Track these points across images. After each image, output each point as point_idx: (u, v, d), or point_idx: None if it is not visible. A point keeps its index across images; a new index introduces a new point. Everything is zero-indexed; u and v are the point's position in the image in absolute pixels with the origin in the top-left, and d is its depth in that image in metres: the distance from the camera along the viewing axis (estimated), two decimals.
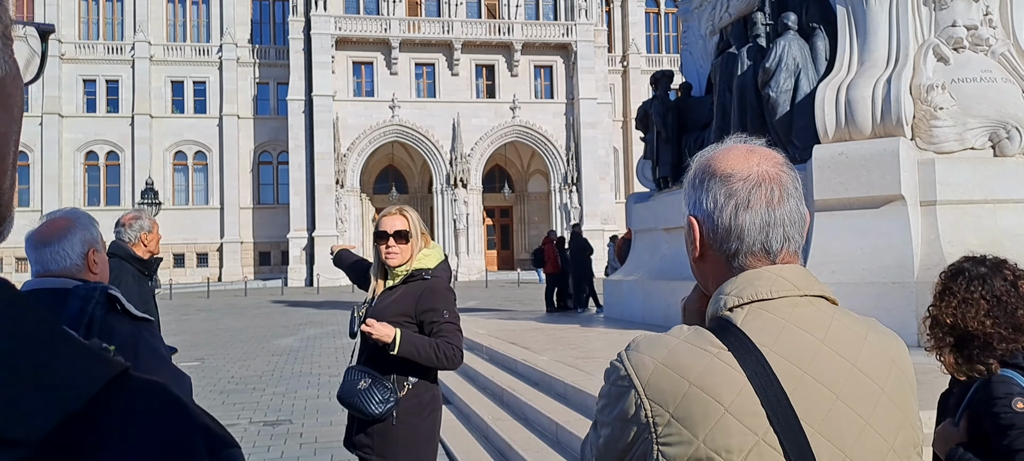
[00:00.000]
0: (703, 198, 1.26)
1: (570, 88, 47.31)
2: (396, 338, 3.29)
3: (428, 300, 3.40)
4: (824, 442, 1.11)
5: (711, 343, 1.15)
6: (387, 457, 3.41)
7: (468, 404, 8.22)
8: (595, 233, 40.27)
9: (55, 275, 2.42)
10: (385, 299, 3.47)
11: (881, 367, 1.20)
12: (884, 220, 8.77)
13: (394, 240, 3.41)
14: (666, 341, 1.18)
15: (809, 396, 1.12)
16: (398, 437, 3.39)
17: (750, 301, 1.19)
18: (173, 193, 49.01)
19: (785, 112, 9.91)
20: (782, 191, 1.24)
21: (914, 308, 8.37)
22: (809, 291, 1.21)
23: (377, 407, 3.30)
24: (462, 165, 44.79)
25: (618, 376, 1.18)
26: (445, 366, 3.42)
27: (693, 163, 1.33)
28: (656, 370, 1.14)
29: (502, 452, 6.59)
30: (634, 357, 1.17)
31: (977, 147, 9.00)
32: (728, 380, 1.11)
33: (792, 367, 1.13)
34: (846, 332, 1.20)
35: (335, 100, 44.05)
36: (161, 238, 4.68)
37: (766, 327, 1.16)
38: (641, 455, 1.14)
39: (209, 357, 14.15)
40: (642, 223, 14.17)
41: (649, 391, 1.13)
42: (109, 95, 48.88)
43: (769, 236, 1.22)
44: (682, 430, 1.11)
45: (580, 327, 13.19)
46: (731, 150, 1.28)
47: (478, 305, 23.50)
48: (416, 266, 3.46)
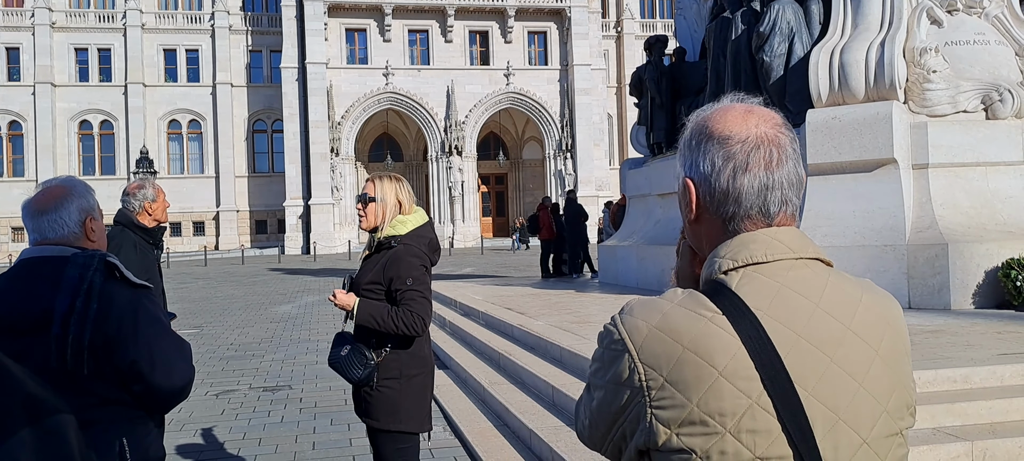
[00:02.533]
0: (700, 160, 1.23)
1: (564, 54, 47.06)
2: (354, 307, 3.45)
3: (392, 268, 3.48)
4: (818, 405, 1.11)
5: (705, 307, 1.14)
6: (380, 420, 3.55)
7: (465, 369, 8.31)
8: (590, 199, 40.32)
9: (53, 243, 2.45)
10: (366, 266, 3.60)
11: (875, 329, 1.19)
12: (876, 183, 8.82)
13: (360, 204, 3.57)
14: (660, 305, 1.17)
15: (803, 359, 1.12)
16: (379, 401, 3.54)
17: (744, 264, 1.18)
18: (168, 162, 48.85)
19: (779, 76, 9.92)
20: (781, 153, 1.22)
21: (905, 270, 8.46)
22: (804, 254, 1.21)
23: (357, 372, 3.46)
24: (457, 133, 44.66)
25: (611, 340, 1.17)
26: (405, 332, 3.46)
27: (689, 123, 1.29)
28: (650, 334, 1.13)
29: (499, 415, 6.68)
30: (628, 321, 1.16)
31: (970, 110, 9.03)
32: (722, 344, 1.11)
33: (786, 330, 1.13)
34: (841, 294, 1.20)
35: (328, 68, 43.80)
36: (168, 207, 4.65)
37: (760, 290, 1.15)
38: (634, 418, 1.15)
39: (207, 324, 14.22)
40: (636, 189, 14.21)
41: (643, 355, 1.13)
42: (102, 64, 48.51)
43: (767, 199, 1.20)
44: (676, 394, 1.10)
45: (575, 292, 13.28)
46: (729, 110, 1.25)
47: (474, 271, 23.59)
48: (388, 233, 3.55)
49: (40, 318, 2.28)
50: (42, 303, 2.29)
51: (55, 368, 2.24)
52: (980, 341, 6.43)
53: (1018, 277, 7.96)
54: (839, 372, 1.14)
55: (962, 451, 4.65)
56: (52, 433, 0.55)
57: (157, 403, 2.48)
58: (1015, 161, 8.93)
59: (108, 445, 2.33)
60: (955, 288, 8.27)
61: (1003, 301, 8.15)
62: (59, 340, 2.26)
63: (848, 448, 1.13)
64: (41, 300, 2.30)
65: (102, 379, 2.33)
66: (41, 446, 0.53)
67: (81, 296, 2.29)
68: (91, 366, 2.29)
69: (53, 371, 2.23)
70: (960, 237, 8.40)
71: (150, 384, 2.38)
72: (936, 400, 5.09)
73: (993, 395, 5.16)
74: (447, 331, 11.19)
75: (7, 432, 0.51)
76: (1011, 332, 6.81)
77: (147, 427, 2.50)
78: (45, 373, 2.20)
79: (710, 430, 1.10)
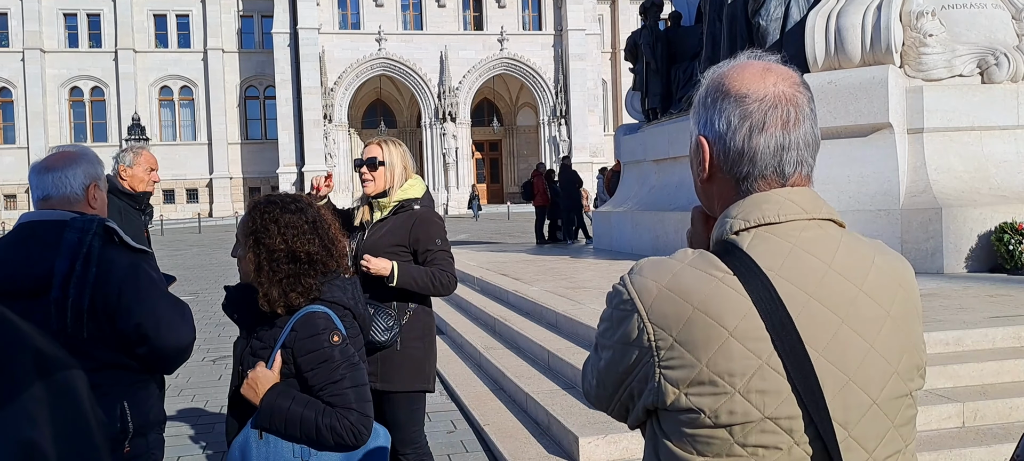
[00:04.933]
0: (715, 118, 1.20)
1: (558, 19, 46.74)
2: (394, 270, 3.39)
3: (421, 229, 3.48)
4: (828, 365, 1.10)
5: (716, 267, 1.13)
6: (394, 382, 3.48)
7: (461, 334, 8.35)
8: (584, 166, 40.28)
9: (55, 202, 2.45)
10: (377, 231, 3.52)
11: (887, 290, 1.18)
12: (871, 148, 8.83)
13: (367, 168, 3.48)
14: (670, 265, 1.16)
15: (814, 320, 1.11)
16: (404, 361, 3.48)
17: (756, 225, 1.16)
18: (160, 129, 48.54)
19: (775, 41, 9.87)
20: (798, 113, 1.19)
21: (899, 234, 8.49)
22: (817, 214, 1.19)
23: (383, 334, 3.36)
24: (450, 99, 44.45)
25: (621, 300, 1.17)
26: (441, 292, 3.51)
27: (705, 79, 1.26)
28: (660, 294, 1.13)
29: (495, 379, 6.73)
30: (637, 281, 1.16)
31: (965, 74, 9.02)
32: (732, 304, 1.10)
33: (797, 291, 1.12)
34: (853, 255, 1.18)
35: (321, 33, 43.44)
36: (152, 174, 4.44)
37: (772, 251, 1.14)
38: (642, 377, 1.15)
39: (203, 291, 14.23)
40: (631, 155, 14.19)
41: (652, 315, 1.12)
42: (91, 29, 48.00)
43: (783, 160, 1.19)
44: (685, 354, 1.10)
45: (570, 258, 13.31)
46: (746, 67, 1.21)
47: (469, 238, 23.61)
48: (403, 197, 3.52)
49: (40, 281, 2.28)
50: (42, 266, 2.29)
51: (54, 331, 2.25)
52: (972, 304, 6.48)
53: (1011, 241, 8.00)
54: (850, 333, 1.13)
55: (953, 412, 4.70)
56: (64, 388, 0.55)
57: (162, 363, 2.50)
58: (1010, 125, 8.94)
59: (109, 409, 2.35)
60: (948, 252, 8.31)
61: (996, 265, 8.21)
62: (59, 303, 2.27)
63: (858, 409, 1.13)
64: (41, 263, 2.30)
65: (102, 343, 2.34)
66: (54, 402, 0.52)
67: (80, 259, 2.29)
68: (91, 329, 2.30)
69: (52, 334, 2.24)
70: (954, 201, 8.43)
71: (156, 345, 2.39)
72: (928, 362, 5.13)
73: (985, 357, 5.21)
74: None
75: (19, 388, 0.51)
76: (1003, 295, 6.87)
77: (148, 391, 2.52)
78: None
79: (719, 390, 1.09)
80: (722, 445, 1.11)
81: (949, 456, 4.37)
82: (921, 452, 4.37)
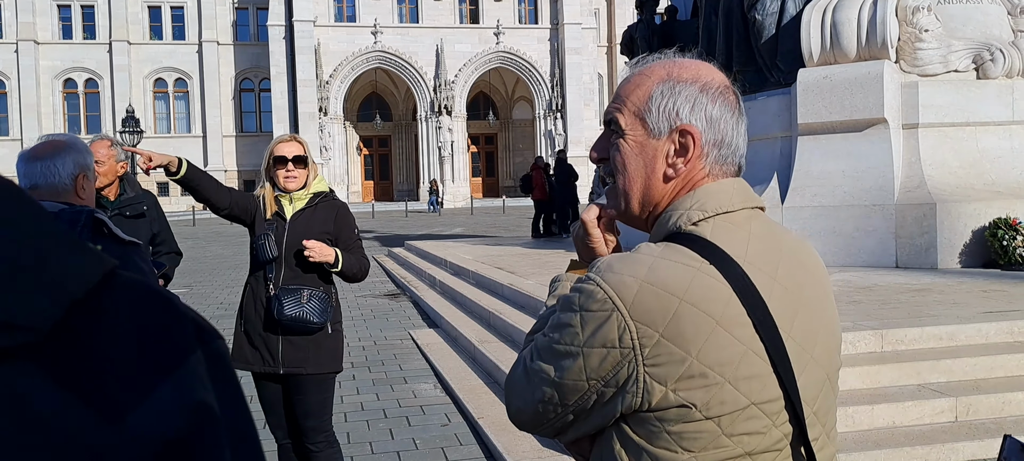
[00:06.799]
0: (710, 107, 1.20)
1: (554, 12, 46.68)
2: (338, 257, 3.57)
3: (343, 219, 3.70)
4: (793, 344, 1.12)
5: (689, 257, 1.11)
6: (321, 364, 3.58)
7: (456, 327, 8.34)
8: (580, 160, 40.25)
9: (43, 192, 2.42)
10: (303, 220, 3.61)
11: (820, 272, 1.24)
12: (866, 143, 8.83)
13: (293, 165, 3.59)
14: (641, 259, 1.12)
15: (780, 302, 1.13)
16: (331, 344, 3.62)
17: (714, 214, 1.16)
18: (154, 121, 48.40)
19: (771, 35, 9.86)
20: (739, 102, 1.23)
21: (893, 230, 8.51)
22: (757, 203, 1.21)
23: (320, 317, 3.52)
24: (446, 92, 44.37)
25: (594, 300, 1.10)
26: (362, 277, 3.74)
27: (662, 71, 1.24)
28: (640, 289, 1.08)
29: (489, 372, 6.73)
30: (612, 278, 1.10)
31: (961, 69, 9.02)
32: (715, 293, 1.09)
33: (763, 275, 1.13)
34: (792, 240, 1.23)
35: (316, 26, 43.32)
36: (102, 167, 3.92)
37: (733, 239, 1.14)
38: (620, 380, 1.10)
39: (197, 284, 14.21)
40: None
41: (634, 312, 1.07)
42: (85, 21, 47.81)
43: (742, 151, 1.23)
44: (673, 349, 1.07)
45: (565, 252, 13.28)
46: (700, 62, 1.24)
47: (464, 231, 23.60)
48: (317, 189, 3.68)
49: None
50: None
51: None
52: (966, 299, 6.49)
53: (1004, 236, 8.02)
54: (806, 312, 1.16)
55: (946, 407, 4.71)
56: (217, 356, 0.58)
57: None
58: (1004, 121, 8.95)
59: None
60: (942, 247, 8.32)
61: (989, 260, 8.22)
62: None
63: (815, 385, 1.17)
64: None
65: None
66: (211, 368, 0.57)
67: None
68: None
69: None
70: (948, 197, 8.44)
71: None
72: (921, 357, 5.15)
73: (978, 352, 5.22)
74: (437, 290, 11.21)
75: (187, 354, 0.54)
76: (996, 291, 6.88)
77: None
78: None
79: (710, 381, 1.08)
80: (709, 438, 1.09)
81: (942, 450, 4.38)
82: (914, 446, 4.39)
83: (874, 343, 5.27)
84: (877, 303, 6.36)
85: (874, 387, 4.90)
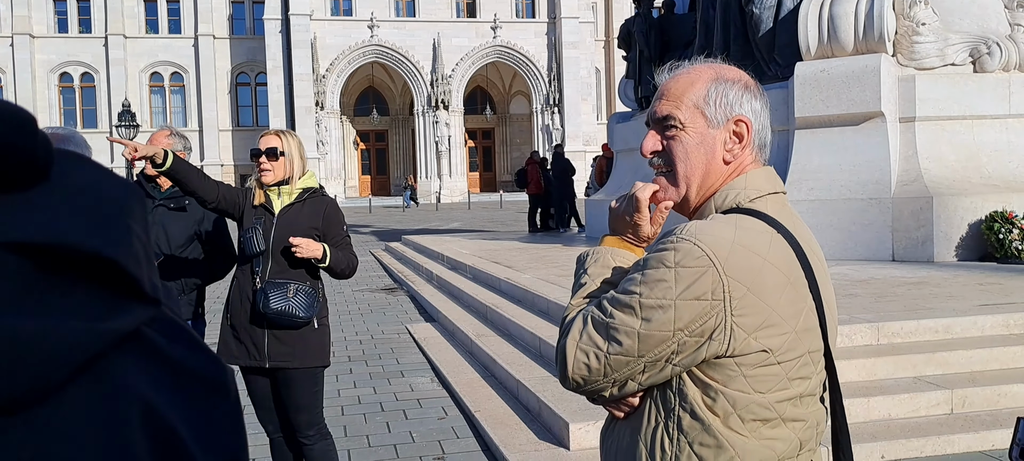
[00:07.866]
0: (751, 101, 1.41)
1: (552, 6, 46.58)
2: (326, 252, 3.54)
3: (332, 216, 3.67)
4: (827, 308, 1.35)
5: (763, 226, 1.30)
6: (306, 359, 3.57)
7: (453, 321, 8.34)
8: (577, 154, 40.22)
9: None
10: (291, 215, 3.59)
11: (821, 253, 1.43)
12: (863, 137, 8.83)
13: (267, 158, 3.56)
14: (726, 224, 1.29)
15: (817, 269, 1.34)
16: (318, 338, 3.60)
17: (768, 193, 1.37)
18: (151, 115, 48.24)
19: (768, 29, 9.86)
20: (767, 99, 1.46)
21: (890, 223, 8.52)
22: (784, 189, 1.42)
23: (306, 312, 3.49)
24: (443, 87, 44.28)
25: (691, 257, 1.24)
26: (350, 274, 3.71)
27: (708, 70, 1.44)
28: (733, 249, 1.25)
29: (486, 366, 6.73)
30: (706, 238, 1.25)
31: (958, 63, 9.03)
32: (787, 255, 1.29)
33: (806, 246, 1.33)
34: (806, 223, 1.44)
35: (312, 19, 43.20)
36: None
37: (782, 214, 1.35)
38: (707, 330, 1.24)
39: None
40: (624, 143, 14.17)
41: (728, 268, 1.23)
42: (81, 14, 47.62)
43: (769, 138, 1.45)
44: (757, 301, 1.24)
45: (562, 246, 13.31)
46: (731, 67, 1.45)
47: (461, 226, 23.59)
48: (306, 185, 3.65)
49: None
50: None
51: None
52: (962, 292, 6.50)
53: (1001, 230, 8.03)
54: (827, 284, 1.37)
55: (942, 399, 4.72)
56: None
57: None
58: (1001, 114, 8.96)
59: None
60: (939, 241, 8.34)
61: (986, 254, 8.24)
62: None
63: (833, 343, 1.39)
64: None
65: None
66: None
67: None
68: None
69: None
70: (945, 190, 8.45)
71: None
72: (917, 350, 5.16)
73: (973, 345, 5.24)
74: (435, 284, 11.21)
75: None
76: (992, 284, 6.89)
77: None
78: None
79: (783, 330, 1.26)
80: (775, 380, 1.27)
81: (937, 442, 4.39)
82: (910, 438, 4.40)
83: (870, 336, 5.28)
84: (873, 296, 6.37)
85: (870, 379, 4.92)
